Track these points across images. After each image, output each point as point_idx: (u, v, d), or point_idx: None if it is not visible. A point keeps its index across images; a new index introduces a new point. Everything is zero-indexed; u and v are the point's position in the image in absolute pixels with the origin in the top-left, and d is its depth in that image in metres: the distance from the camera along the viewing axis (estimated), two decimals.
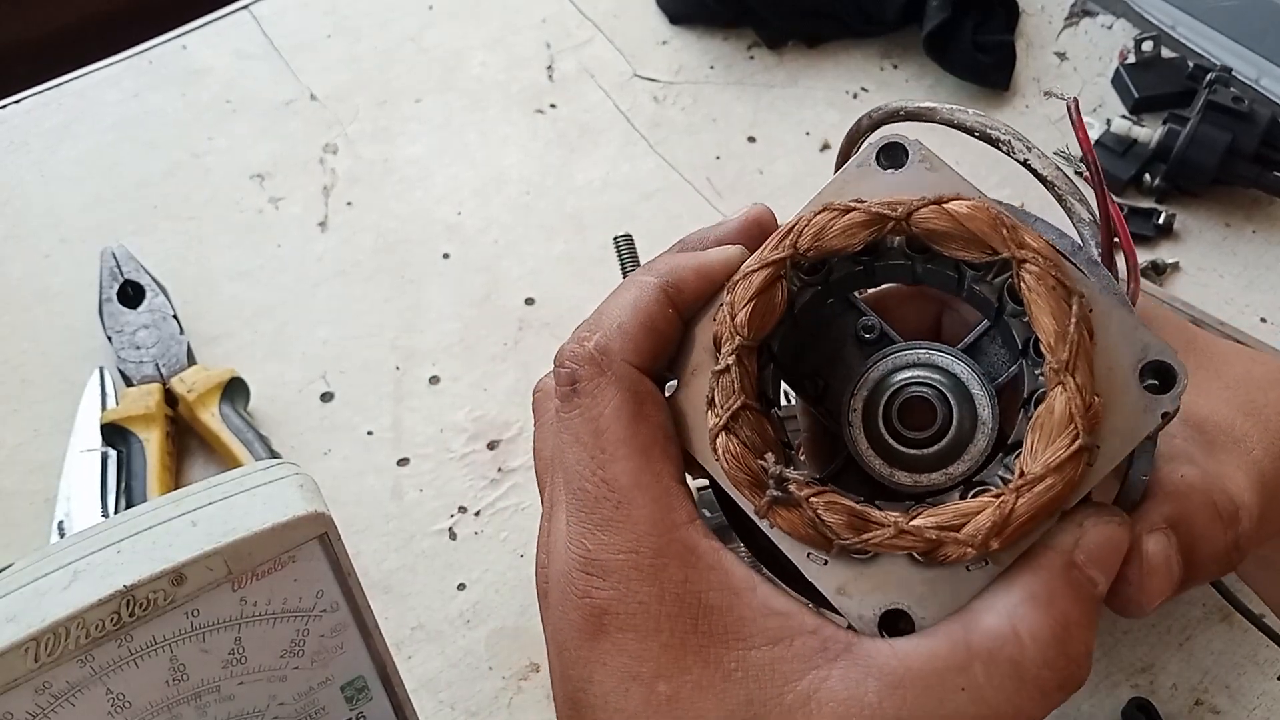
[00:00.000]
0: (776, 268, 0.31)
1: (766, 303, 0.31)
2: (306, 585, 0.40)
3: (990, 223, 0.29)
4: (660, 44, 0.84)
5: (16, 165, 0.74)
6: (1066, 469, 0.27)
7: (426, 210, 0.73)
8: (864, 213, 0.30)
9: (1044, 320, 0.28)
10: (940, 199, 0.30)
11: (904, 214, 0.30)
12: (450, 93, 0.80)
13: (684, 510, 0.29)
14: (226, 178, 0.74)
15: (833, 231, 0.30)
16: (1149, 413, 0.28)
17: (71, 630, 0.35)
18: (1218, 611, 0.57)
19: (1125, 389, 0.28)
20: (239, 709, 0.40)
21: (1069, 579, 0.27)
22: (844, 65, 0.84)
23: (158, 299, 0.65)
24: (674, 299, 0.31)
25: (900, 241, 0.31)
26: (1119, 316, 0.29)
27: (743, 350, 0.30)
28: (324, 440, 0.62)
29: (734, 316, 0.30)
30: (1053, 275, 0.28)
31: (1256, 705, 0.54)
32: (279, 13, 0.84)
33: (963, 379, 0.32)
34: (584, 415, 0.30)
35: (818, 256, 0.31)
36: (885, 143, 0.32)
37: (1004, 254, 0.29)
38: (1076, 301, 0.28)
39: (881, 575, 0.28)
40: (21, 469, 0.60)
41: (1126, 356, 0.28)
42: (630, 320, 0.31)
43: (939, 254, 0.30)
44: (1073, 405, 0.27)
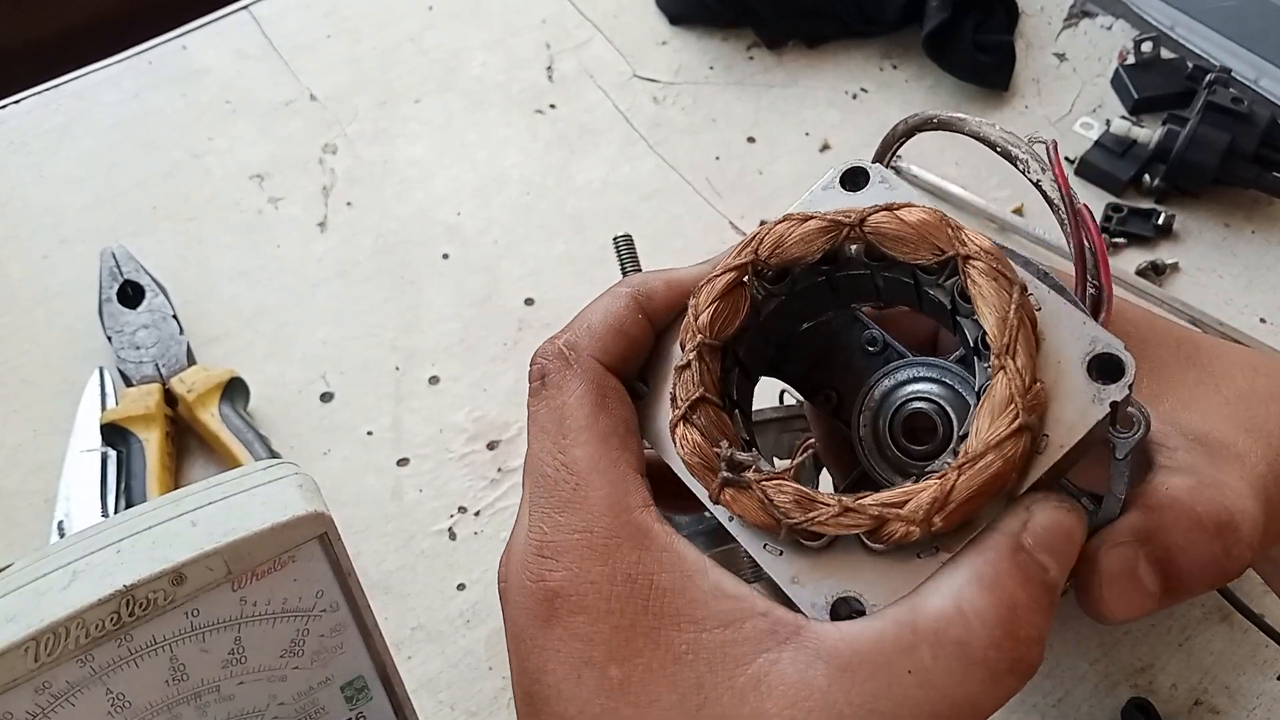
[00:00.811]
0: (738, 273, 0.32)
1: (729, 306, 0.32)
2: (306, 585, 0.40)
3: (937, 224, 0.31)
4: (660, 44, 0.84)
5: (16, 166, 0.74)
6: (1006, 446, 0.27)
7: (426, 211, 0.73)
8: (821, 220, 0.32)
9: (987, 311, 0.29)
10: (891, 206, 0.31)
11: (857, 219, 0.31)
12: (450, 93, 0.80)
13: (639, 495, 0.30)
14: (226, 178, 0.74)
15: (791, 239, 0.32)
16: (1098, 402, 0.28)
17: (71, 630, 0.35)
18: (1217, 611, 0.57)
19: (1073, 380, 0.29)
20: (239, 709, 0.40)
21: (1016, 561, 0.27)
22: (844, 66, 0.84)
23: (157, 299, 0.65)
24: (644, 306, 0.33)
25: (858, 250, 0.32)
26: (1068, 313, 0.30)
27: (704, 348, 0.32)
28: (324, 440, 0.62)
29: (697, 317, 0.32)
30: (995, 269, 0.29)
31: (1256, 705, 0.54)
32: (279, 13, 0.84)
33: (959, 390, 0.34)
34: (549, 405, 0.31)
35: (779, 264, 0.32)
36: (848, 168, 0.34)
37: (950, 252, 0.30)
38: (1017, 290, 0.29)
39: (834, 564, 0.29)
40: (21, 469, 0.60)
41: (1075, 350, 0.29)
42: (599, 322, 0.32)
43: (895, 260, 0.31)
44: (1013, 385, 0.28)
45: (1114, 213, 0.74)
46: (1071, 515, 0.28)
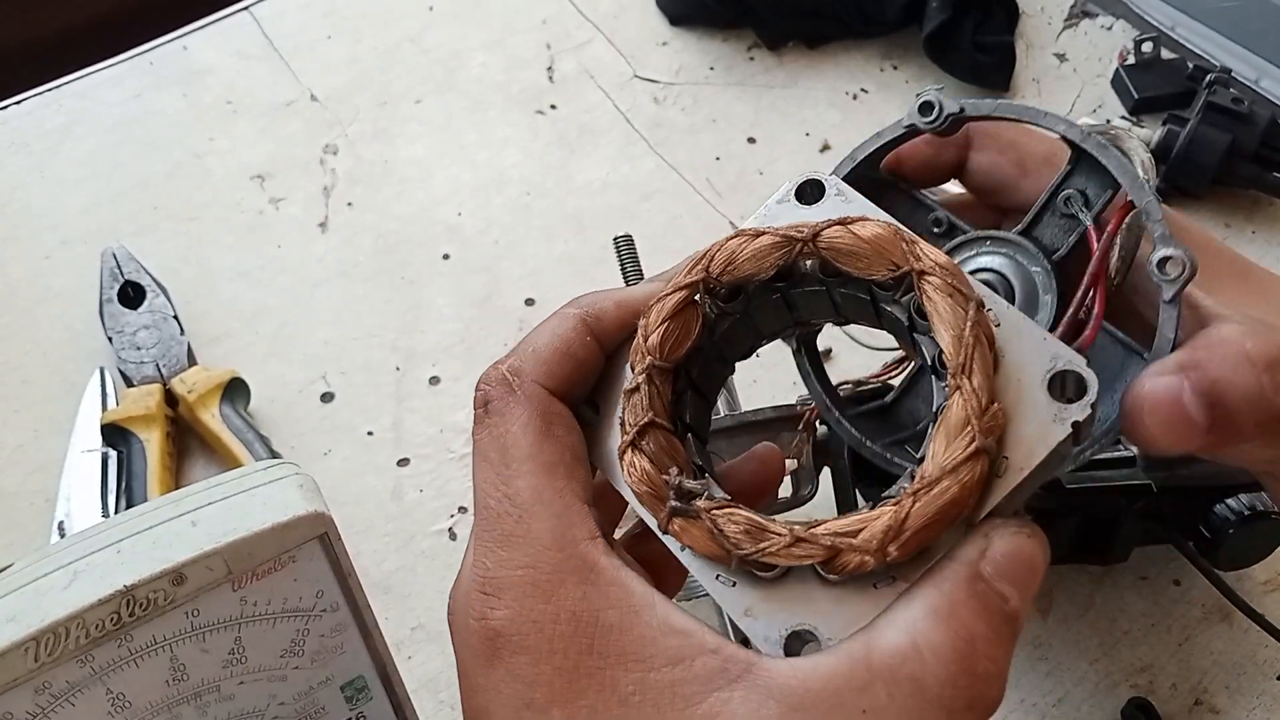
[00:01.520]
0: (689, 291, 0.31)
1: (680, 326, 0.31)
2: (306, 585, 0.40)
3: (891, 239, 0.30)
4: (660, 45, 0.84)
5: (17, 166, 0.74)
6: (963, 471, 0.26)
7: (427, 211, 0.73)
8: (773, 235, 0.31)
9: (942, 329, 0.28)
10: (845, 220, 0.30)
11: (810, 234, 0.30)
12: (450, 93, 0.80)
13: (585, 527, 0.29)
14: (227, 178, 0.74)
15: (744, 256, 0.31)
16: (1059, 422, 0.27)
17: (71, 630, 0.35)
18: (1217, 611, 0.57)
19: (1034, 399, 0.27)
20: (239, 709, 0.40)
21: (973, 592, 0.26)
22: (844, 66, 0.84)
23: (158, 299, 0.65)
24: (593, 327, 0.32)
25: (813, 265, 0.31)
26: (1028, 329, 0.28)
27: (654, 370, 0.31)
28: (324, 440, 0.62)
29: (646, 338, 0.31)
30: (950, 284, 0.28)
31: (1256, 705, 0.54)
32: (279, 14, 0.84)
33: (1022, 260, 0.35)
34: (492, 434, 0.30)
35: (732, 281, 0.31)
36: (803, 180, 0.33)
37: (905, 267, 0.29)
38: (973, 307, 0.28)
39: (788, 595, 0.28)
40: (22, 469, 0.60)
41: (1036, 367, 0.28)
42: (545, 346, 0.31)
43: (850, 276, 0.31)
44: (969, 407, 0.27)
45: None
46: (1032, 540, 0.27)
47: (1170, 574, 0.58)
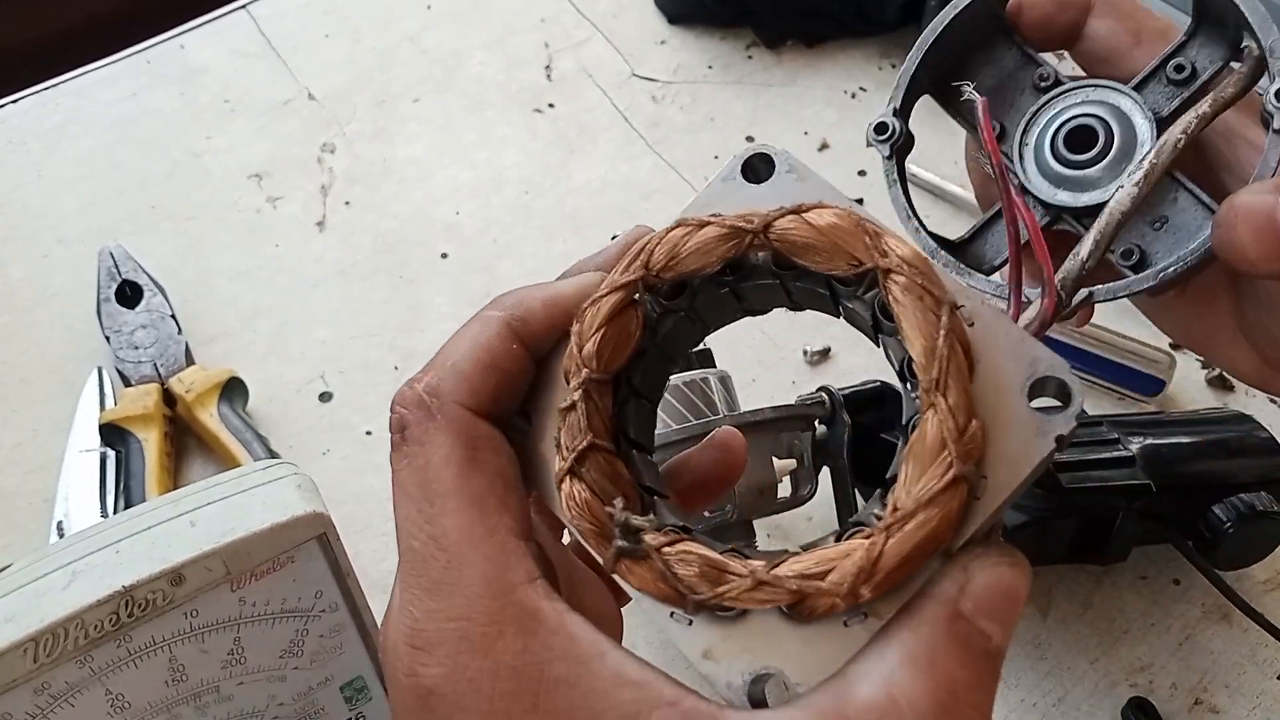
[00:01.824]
0: (627, 291, 0.28)
1: (618, 331, 0.28)
2: (305, 585, 0.40)
3: (852, 231, 0.26)
4: (658, 44, 0.84)
5: (14, 165, 0.74)
6: (941, 502, 0.24)
7: (425, 210, 0.73)
8: (719, 225, 0.28)
9: (912, 336, 0.25)
10: (800, 208, 0.27)
11: (761, 225, 0.27)
12: (449, 93, 0.80)
13: (522, 569, 0.26)
14: (225, 177, 0.74)
15: (687, 249, 0.28)
16: (1042, 436, 0.24)
17: (70, 631, 0.35)
18: (1217, 610, 0.57)
19: (1014, 411, 0.25)
20: (238, 709, 0.40)
21: (953, 634, 0.24)
22: (842, 65, 0.84)
23: (156, 299, 0.65)
24: (519, 333, 0.29)
25: (765, 258, 0.28)
26: (1005, 330, 0.26)
27: (591, 384, 0.27)
28: (323, 440, 0.62)
29: (581, 347, 0.28)
30: (919, 284, 0.25)
31: (1256, 705, 0.54)
32: (277, 13, 0.84)
33: (1125, 109, 0.35)
34: (411, 465, 0.27)
35: (675, 278, 0.28)
36: (750, 154, 0.30)
37: (868, 264, 0.26)
38: (946, 312, 0.25)
39: (751, 635, 0.25)
40: (20, 469, 0.60)
41: (1015, 374, 0.25)
42: (466, 358, 0.28)
43: (806, 270, 0.28)
44: (945, 429, 0.24)
45: None
46: (1014, 570, 0.24)
47: (1170, 573, 0.58)
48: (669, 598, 0.26)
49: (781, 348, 0.67)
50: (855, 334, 0.32)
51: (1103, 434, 0.56)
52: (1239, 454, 0.57)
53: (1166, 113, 0.36)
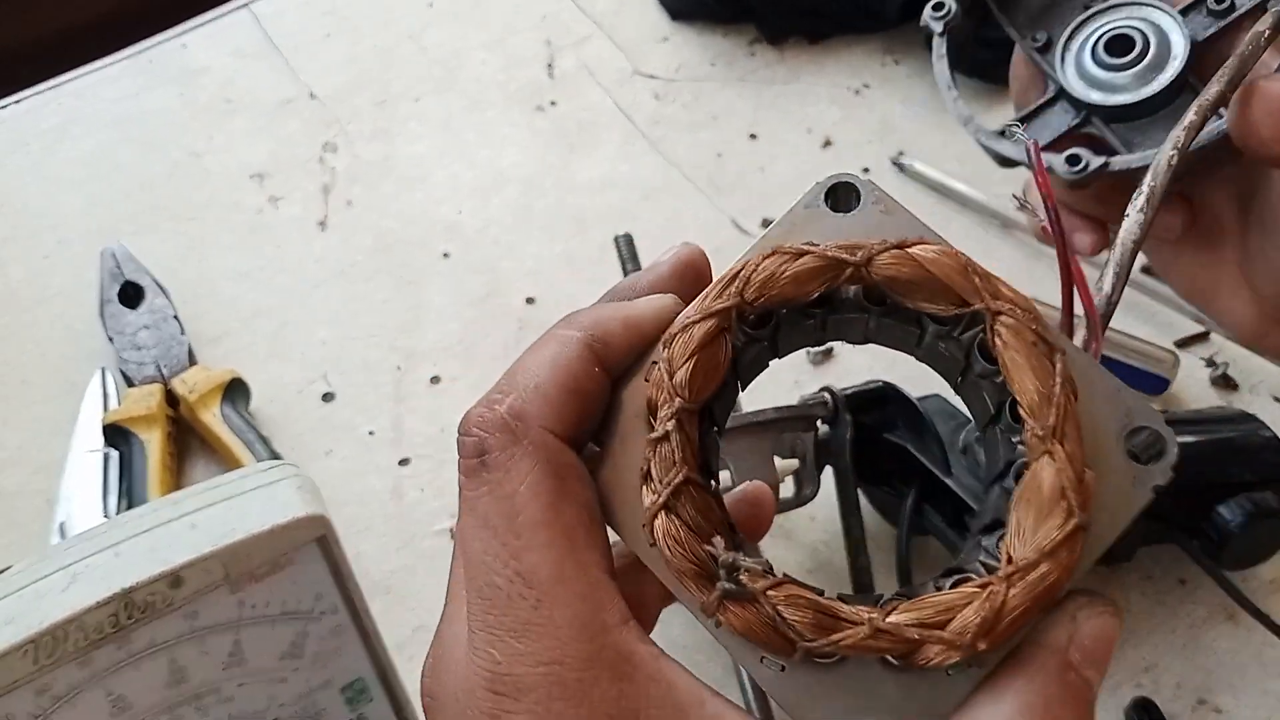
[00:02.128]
0: (721, 319, 0.27)
1: (709, 359, 0.27)
2: (305, 587, 0.40)
3: (960, 270, 0.26)
4: (661, 41, 0.84)
5: (16, 166, 0.74)
6: (1062, 553, 0.23)
7: (426, 210, 0.73)
8: (818, 257, 0.27)
9: (1024, 380, 0.25)
10: (904, 243, 0.27)
11: (864, 259, 0.27)
12: (450, 91, 0.80)
13: (615, 609, 0.25)
14: (226, 177, 0.74)
15: (784, 278, 0.27)
16: (1139, 486, 0.25)
17: (70, 632, 0.35)
18: (1222, 611, 0.57)
19: (1111, 459, 0.25)
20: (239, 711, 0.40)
21: (1065, 682, 0.24)
22: (845, 62, 0.83)
23: (158, 300, 0.65)
24: (600, 355, 0.27)
25: (857, 291, 0.28)
26: (1099, 377, 0.26)
27: (683, 414, 0.26)
28: (325, 440, 0.62)
29: (672, 375, 0.26)
30: (1032, 330, 0.25)
31: (1260, 705, 0.54)
32: (278, 12, 0.84)
33: (1165, 27, 0.38)
34: (494, 494, 0.26)
35: (766, 306, 0.27)
36: (834, 183, 0.29)
37: (976, 305, 0.26)
38: (1060, 359, 0.25)
39: (849, 682, 0.25)
40: (23, 470, 0.60)
41: (1111, 423, 0.25)
42: (549, 380, 0.26)
43: (899, 305, 0.27)
44: (1064, 478, 0.24)
45: None
46: (1115, 619, 0.25)
47: (1175, 573, 0.58)
48: (773, 643, 0.25)
49: None
50: None
51: None
52: (1244, 453, 0.56)
53: (1202, 38, 0.39)
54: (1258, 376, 0.67)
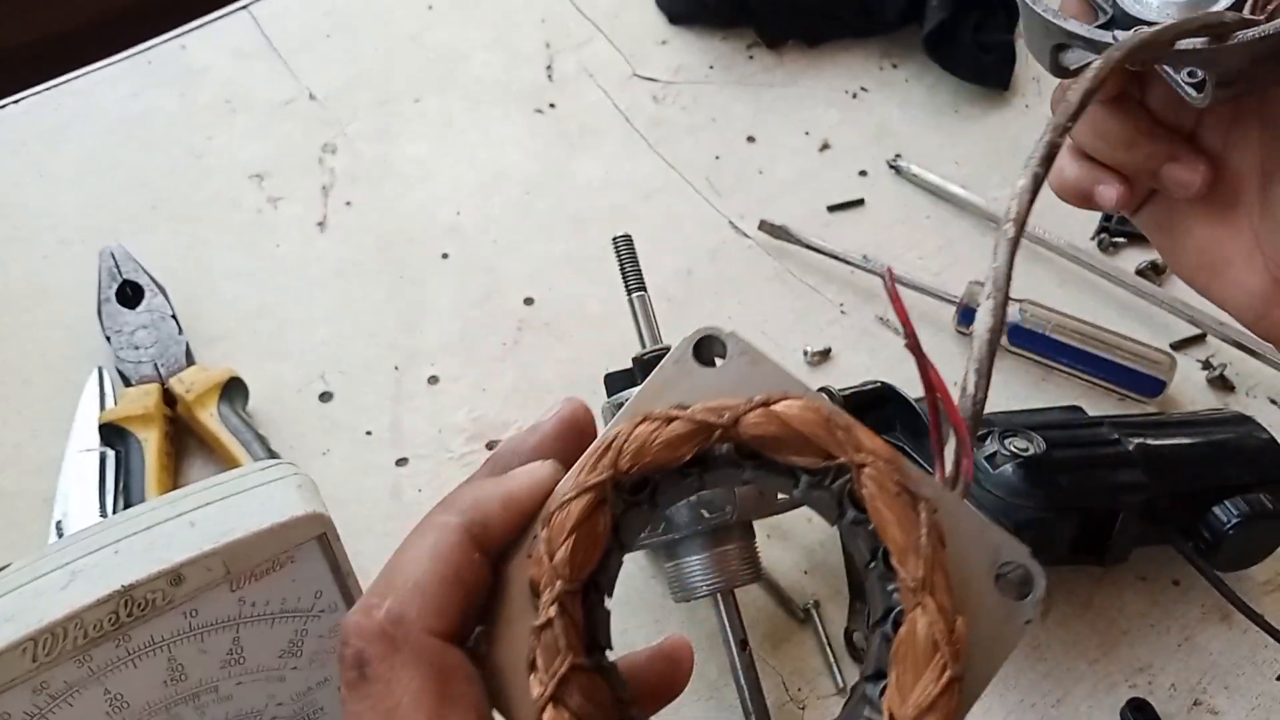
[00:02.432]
0: (597, 493, 0.27)
1: (589, 535, 0.27)
2: (305, 586, 0.40)
3: (823, 425, 0.27)
4: (660, 43, 0.84)
5: (15, 165, 0.74)
6: (941, 706, 0.24)
7: (426, 210, 0.73)
8: (687, 422, 0.27)
9: (892, 532, 0.25)
10: (768, 400, 0.27)
11: (731, 420, 0.27)
12: (450, 92, 0.80)
13: None
14: (225, 177, 0.74)
15: (656, 445, 0.27)
16: (1011, 623, 0.25)
17: (69, 630, 0.35)
18: (1216, 612, 0.57)
19: (983, 598, 0.25)
20: (237, 709, 0.40)
21: None
22: (844, 65, 0.84)
23: (156, 299, 0.65)
24: (480, 539, 0.26)
25: (729, 448, 0.28)
26: (967, 516, 0.26)
27: (566, 596, 0.26)
28: (323, 440, 0.62)
29: (552, 555, 0.26)
30: (895, 481, 0.26)
31: (1255, 706, 0.54)
32: (278, 12, 0.84)
33: None
34: (376, 709, 0.24)
35: (642, 473, 0.28)
36: (701, 336, 0.29)
37: (841, 458, 0.26)
38: (925, 509, 0.25)
39: None
40: (20, 469, 0.60)
41: (980, 560, 0.26)
42: (428, 575, 0.25)
43: (770, 460, 0.28)
44: (937, 630, 0.24)
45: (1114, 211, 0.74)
46: None
47: (1169, 574, 0.58)
48: None
49: (782, 348, 0.67)
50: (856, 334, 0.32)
51: (1103, 434, 0.56)
52: (1239, 455, 0.57)
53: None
54: (1254, 379, 0.67)
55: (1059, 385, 0.66)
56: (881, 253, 0.71)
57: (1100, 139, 0.41)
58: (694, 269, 0.71)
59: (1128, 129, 0.40)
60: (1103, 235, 0.73)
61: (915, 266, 0.71)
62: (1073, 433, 0.56)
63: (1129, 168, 0.42)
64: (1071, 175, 0.43)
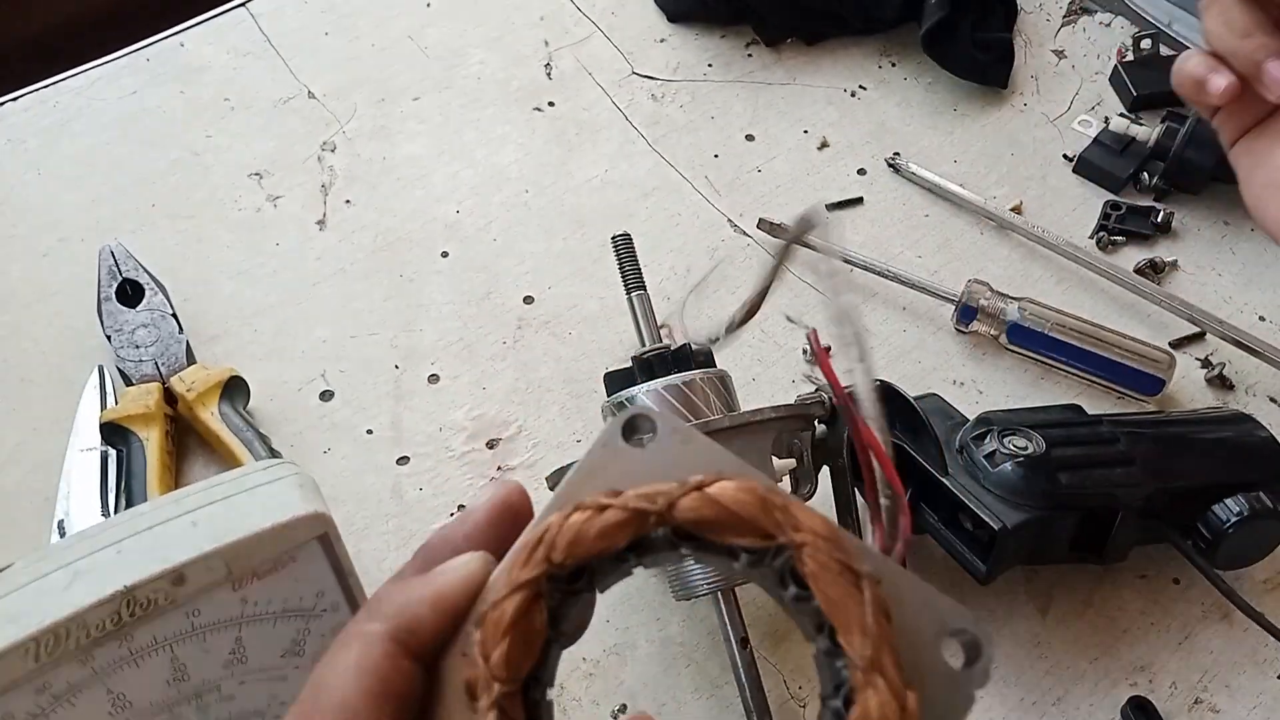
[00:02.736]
0: (531, 589, 0.26)
1: (525, 632, 0.26)
2: (307, 585, 0.40)
3: (759, 505, 0.26)
4: (658, 42, 0.84)
5: (14, 164, 0.74)
6: None
7: (425, 208, 0.73)
8: (620, 510, 0.26)
9: (836, 611, 0.25)
10: (703, 483, 0.27)
11: (664, 506, 0.26)
12: (448, 91, 0.80)
13: None
14: (225, 176, 0.74)
15: (590, 536, 0.26)
16: (961, 692, 0.25)
17: (72, 630, 0.35)
18: (1217, 610, 0.57)
19: (931, 668, 0.25)
20: (240, 709, 0.41)
21: None
22: (842, 63, 0.84)
23: (157, 298, 0.65)
24: (409, 646, 0.25)
25: (665, 532, 0.27)
26: (910, 586, 0.26)
27: (504, 699, 0.25)
28: (323, 439, 0.62)
29: (487, 659, 0.25)
30: (836, 560, 0.25)
31: (1256, 704, 0.54)
32: (277, 10, 0.84)
33: None
34: None
35: (577, 564, 0.27)
36: (630, 417, 0.29)
37: (779, 539, 0.26)
38: (868, 586, 0.25)
39: None
40: (21, 468, 0.60)
41: (927, 631, 0.26)
42: (355, 693, 0.24)
43: (708, 541, 0.27)
44: (888, 711, 0.24)
45: (1113, 210, 0.74)
46: None
47: (1170, 573, 0.59)
48: None
49: (781, 347, 0.67)
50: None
51: (1102, 434, 0.56)
52: (1238, 453, 0.57)
53: None
54: (1254, 377, 0.67)
55: (1058, 384, 0.67)
56: (880, 251, 0.72)
57: (1225, 25, 0.47)
58: (693, 267, 0.71)
59: (1250, 20, 0.46)
60: (1102, 234, 0.73)
61: (913, 264, 0.71)
62: (1072, 431, 0.56)
63: (1240, 57, 0.47)
64: (1191, 64, 0.49)
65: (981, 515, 0.51)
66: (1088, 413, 0.60)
